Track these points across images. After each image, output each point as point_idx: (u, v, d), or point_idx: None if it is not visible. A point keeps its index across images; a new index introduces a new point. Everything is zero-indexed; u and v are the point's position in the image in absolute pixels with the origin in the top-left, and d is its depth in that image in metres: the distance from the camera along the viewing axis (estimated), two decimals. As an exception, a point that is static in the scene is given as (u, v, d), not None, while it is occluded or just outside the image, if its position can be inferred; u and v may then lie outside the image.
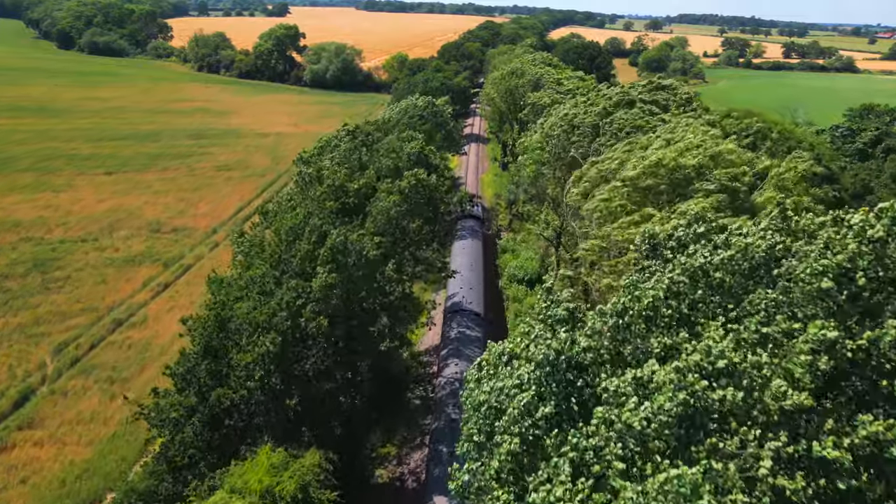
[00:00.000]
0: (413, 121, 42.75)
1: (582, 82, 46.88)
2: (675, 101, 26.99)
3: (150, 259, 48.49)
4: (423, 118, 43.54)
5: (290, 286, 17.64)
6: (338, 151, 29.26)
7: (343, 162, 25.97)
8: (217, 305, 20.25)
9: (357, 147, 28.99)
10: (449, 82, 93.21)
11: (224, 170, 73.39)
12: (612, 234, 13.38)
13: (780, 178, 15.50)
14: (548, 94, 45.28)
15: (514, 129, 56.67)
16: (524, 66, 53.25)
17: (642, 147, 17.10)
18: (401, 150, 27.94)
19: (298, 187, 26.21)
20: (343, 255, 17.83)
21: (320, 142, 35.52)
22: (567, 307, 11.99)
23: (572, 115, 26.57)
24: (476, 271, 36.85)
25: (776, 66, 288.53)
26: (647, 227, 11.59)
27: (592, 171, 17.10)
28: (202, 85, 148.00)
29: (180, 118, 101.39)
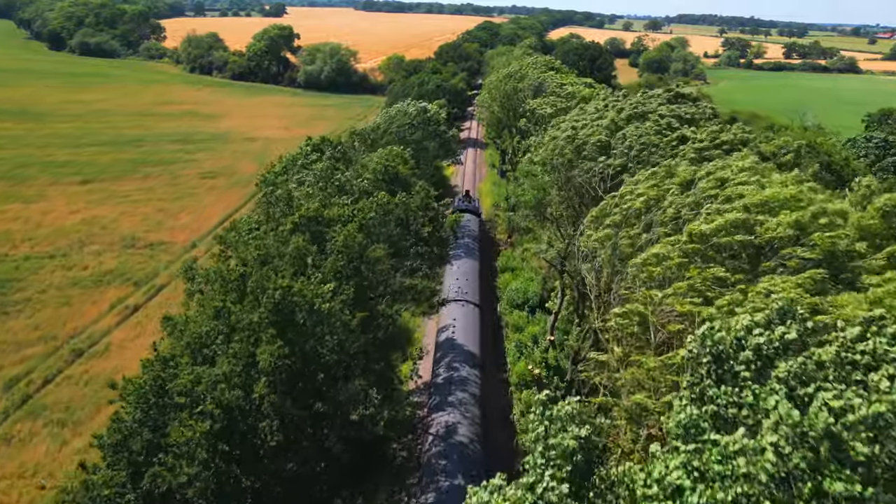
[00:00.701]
0: (402, 129, 39.30)
1: (589, 90, 43.34)
2: (701, 114, 23.48)
3: (121, 278, 44.91)
4: (414, 127, 40.04)
5: (233, 353, 14.18)
6: (312, 171, 25.88)
7: (320, 183, 22.53)
8: (156, 366, 16.73)
9: (334, 166, 25.54)
10: (445, 84, 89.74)
11: (208, 177, 69.80)
12: (661, 301, 9.90)
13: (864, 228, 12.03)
14: (549, 101, 41.80)
15: (513, 137, 53.18)
16: (524, 68, 49.72)
17: (680, 181, 13.57)
18: (364, 168, 24.26)
19: (264, 213, 22.88)
20: (290, 315, 14.43)
21: (282, 161, 31.81)
22: (576, 435, 8.39)
23: (576, 133, 23.01)
24: (472, 292, 33.37)
25: (777, 67, 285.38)
26: (707, 327, 8.11)
27: (615, 211, 13.71)
28: (193, 87, 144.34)
29: (167, 122, 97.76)
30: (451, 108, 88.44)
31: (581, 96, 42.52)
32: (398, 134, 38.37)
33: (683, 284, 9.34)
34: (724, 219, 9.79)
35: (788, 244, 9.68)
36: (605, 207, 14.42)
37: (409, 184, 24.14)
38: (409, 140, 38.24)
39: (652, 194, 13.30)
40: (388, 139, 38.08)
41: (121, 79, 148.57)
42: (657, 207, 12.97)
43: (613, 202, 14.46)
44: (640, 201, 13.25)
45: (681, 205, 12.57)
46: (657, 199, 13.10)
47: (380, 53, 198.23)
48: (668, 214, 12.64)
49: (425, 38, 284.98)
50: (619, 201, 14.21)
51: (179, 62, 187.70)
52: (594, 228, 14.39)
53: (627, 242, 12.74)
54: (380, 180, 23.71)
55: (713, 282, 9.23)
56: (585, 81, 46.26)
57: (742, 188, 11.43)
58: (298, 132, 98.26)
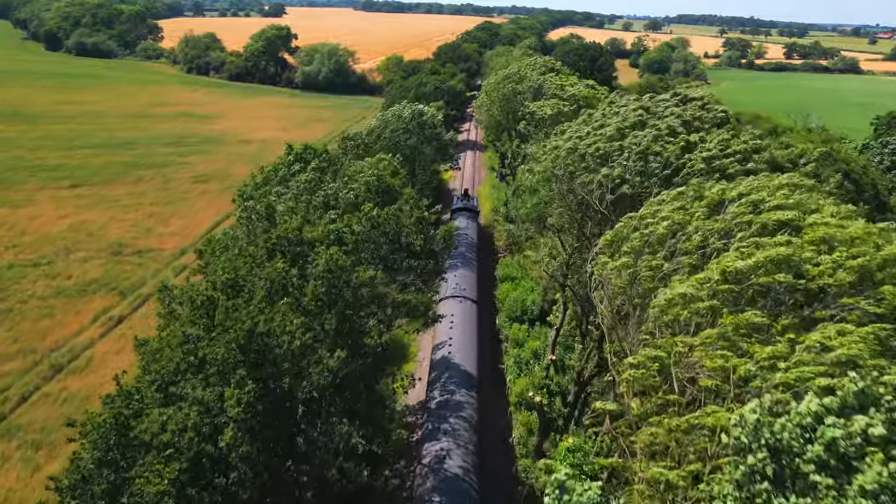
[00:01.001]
0: (396, 135, 37.76)
1: (590, 91, 41.81)
2: (709, 120, 21.91)
3: (106, 287, 43.39)
4: (409, 132, 38.47)
5: (198, 399, 12.63)
6: (295, 182, 24.37)
7: (304, 197, 20.99)
8: (118, 402, 15.20)
9: (319, 178, 23.98)
10: (443, 86, 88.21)
11: (201, 181, 68.25)
12: (688, 352, 8.23)
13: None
14: (550, 104, 40.27)
15: (512, 140, 51.64)
16: (522, 69, 48.15)
17: (709, 202, 11.85)
18: (354, 180, 22.54)
19: (244, 230, 21.34)
20: (262, 353, 12.88)
21: (263, 172, 30.08)
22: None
23: (579, 142, 21.40)
24: (469, 321, 31.78)
25: (779, 68, 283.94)
26: (760, 412, 6.45)
27: (635, 236, 12.03)
28: (189, 88, 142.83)
29: (161, 123, 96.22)
30: (449, 110, 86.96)
31: (584, 98, 41.04)
32: (392, 139, 36.80)
33: (713, 333, 7.80)
34: (764, 254, 8.24)
35: (847, 292, 8.07)
36: (623, 230, 12.81)
37: (400, 195, 22.53)
38: (404, 146, 36.70)
39: (678, 218, 11.62)
40: (382, 144, 36.55)
41: (116, 80, 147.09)
42: (682, 233, 11.35)
43: (632, 224, 12.84)
44: (664, 226, 11.59)
45: (708, 231, 10.92)
46: (682, 225, 11.50)
47: (379, 54, 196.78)
48: (693, 242, 10.99)
49: (425, 39, 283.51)
50: (639, 224, 12.58)
51: (176, 63, 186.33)
52: (609, 254, 12.76)
53: (648, 274, 11.13)
54: (371, 192, 22.11)
55: (750, 329, 7.69)
56: (587, 83, 44.68)
57: (781, 214, 9.77)
58: (295, 134, 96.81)
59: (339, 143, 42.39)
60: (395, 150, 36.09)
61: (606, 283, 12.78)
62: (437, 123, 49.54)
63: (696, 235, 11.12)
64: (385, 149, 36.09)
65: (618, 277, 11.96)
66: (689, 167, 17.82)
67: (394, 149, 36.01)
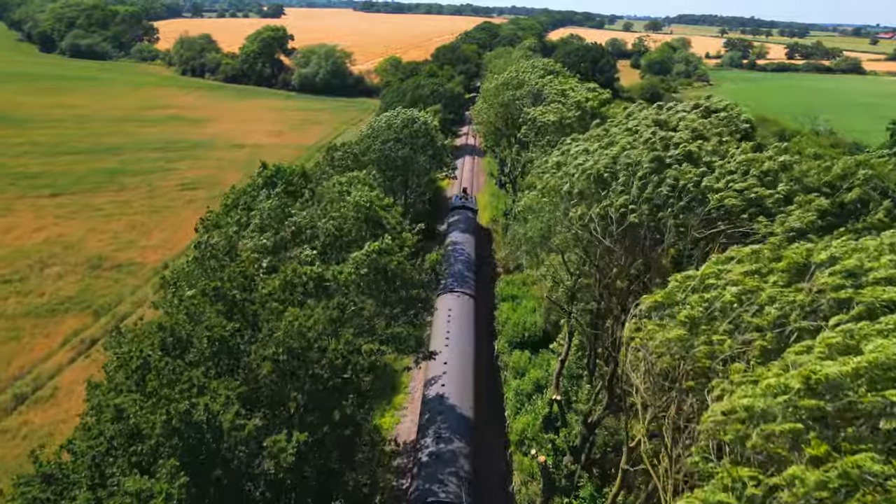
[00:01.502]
0: (387, 146, 35.08)
1: (593, 94, 39.19)
2: (731, 133, 19.27)
3: (80, 306, 40.78)
4: (401, 142, 35.77)
5: (128, 491, 10.06)
6: (259, 210, 21.70)
7: (269, 227, 18.33)
8: (35, 488, 12.57)
9: (285, 203, 21.25)
10: (441, 89, 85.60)
11: (189, 188, 65.65)
12: (763, 499, 5.77)
13: None
14: (552, 110, 37.67)
15: (512, 148, 49.05)
16: (521, 74, 45.54)
17: (789, 263, 8.95)
18: (338, 206, 19.67)
19: (199, 269, 18.69)
20: (198, 439, 10.36)
21: (233, 192, 27.31)
22: None
23: (583, 163, 18.72)
24: (466, 342, 29.22)
25: (781, 68, 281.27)
26: None
27: (693, 300, 9.42)
28: (183, 90, 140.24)
29: (150, 127, 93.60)
30: (447, 114, 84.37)
31: (588, 105, 38.45)
32: (382, 151, 34.18)
33: (810, 480, 5.13)
34: (869, 357, 5.68)
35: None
36: (675, 292, 10.12)
37: (384, 223, 19.83)
38: (395, 158, 34.08)
39: (751, 284, 8.94)
40: (372, 157, 33.90)
41: (109, 82, 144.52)
42: (751, 302, 8.67)
43: (688, 285, 10.12)
44: (732, 293, 8.89)
45: (788, 304, 8.26)
46: (753, 292, 8.86)
47: (377, 55, 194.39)
48: (769, 317, 8.29)
49: (424, 39, 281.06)
50: (699, 284, 9.82)
51: (171, 64, 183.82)
52: (655, 321, 10.07)
53: (705, 350, 8.49)
54: (360, 219, 19.26)
55: (860, 481, 5.18)
56: (588, 86, 42.05)
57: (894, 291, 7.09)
58: (289, 138, 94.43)
59: (324, 154, 39.78)
60: (386, 164, 33.54)
61: (647, 352, 10.14)
62: (433, 130, 46.97)
63: (773, 308, 8.40)
64: (375, 161, 33.52)
65: (666, 352, 9.29)
66: (718, 199, 15.15)
67: (384, 162, 33.43)
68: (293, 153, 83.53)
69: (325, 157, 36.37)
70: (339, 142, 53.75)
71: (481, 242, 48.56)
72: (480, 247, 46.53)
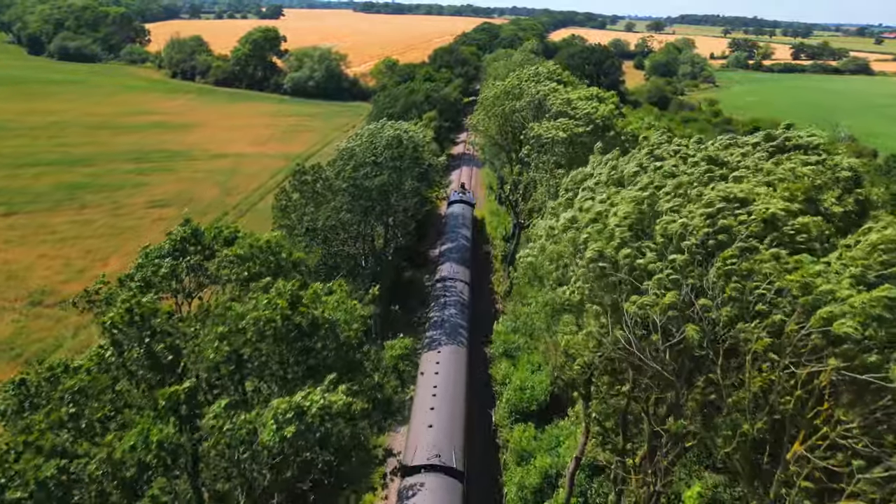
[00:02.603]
0: (360, 174, 29.14)
1: (608, 107, 33.44)
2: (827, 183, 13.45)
3: (10, 353, 35.16)
4: (380, 165, 29.77)
5: None
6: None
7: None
8: None
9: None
10: (436, 95, 79.86)
11: (158, 206, 59.95)
12: None
13: None
14: (560, 125, 31.95)
15: (512, 165, 43.34)
16: (522, 83, 39.78)
17: None
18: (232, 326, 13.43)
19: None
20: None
21: (147, 254, 21.23)
22: None
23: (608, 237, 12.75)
24: (455, 415, 23.70)
25: (787, 69, 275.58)
26: None
27: None
28: (169, 94, 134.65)
29: (127, 136, 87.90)
30: (443, 121, 78.69)
31: (601, 117, 32.67)
32: (354, 179, 28.31)
33: None
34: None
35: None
36: None
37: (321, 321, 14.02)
38: (369, 188, 28.24)
39: None
40: (341, 185, 28.04)
41: (94, 86, 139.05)
42: None
43: None
44: None
45: None
46: None
47: (375, 56, 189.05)
48: None
49: (423, 40, 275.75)
50: None
51: (162, 67, 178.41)
52: None
53: None
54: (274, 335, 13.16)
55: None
56: (597, 93, 36.24)
57: None
58: (275, 146, 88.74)
59: (290, 178, 33.93)
60: (359, 194, 27.74)
61: None
62: (422, 147, 41.21)
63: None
64: (348, 190, 27.71)
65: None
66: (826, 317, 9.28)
67: (356, 191, 27.66)
68: (277, 164, 77.90)
69: (291, 182, 30.60)
70: (332, 148, 48.09)
71: (477, 236, 50.10)
72: (475, 241, 48.68)
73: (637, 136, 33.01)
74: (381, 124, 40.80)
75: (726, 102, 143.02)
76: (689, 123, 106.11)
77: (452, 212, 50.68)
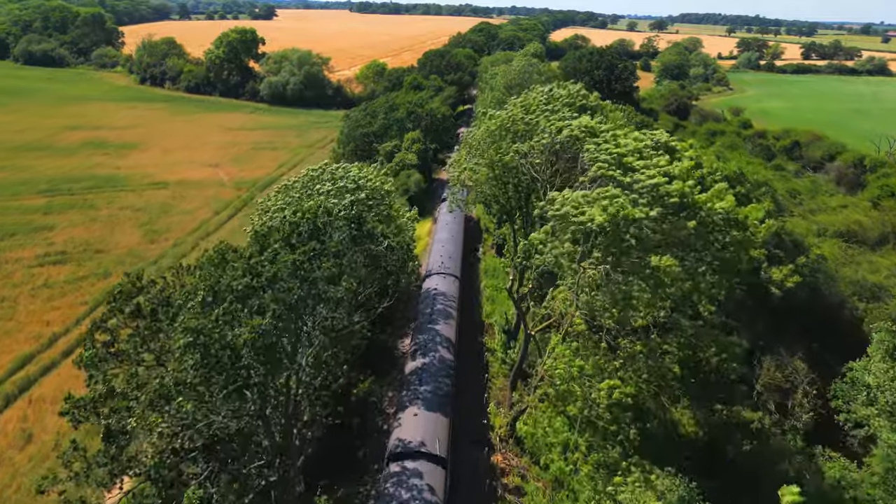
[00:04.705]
0: (284, 271, 15.43)
1: (680, 166, 19.53)
2: None
3: None
4: (309, 257, 15.84)
5: None
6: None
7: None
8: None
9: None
10: (420, 110, 65.73)
11: (52, 262, 45.89)
12: None
13: None
14: (601, 200, 18.06)
15: (515, 230, 29.35)
16: (531, 114, 25.52)
17: None
18: None
19: None
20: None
21: None
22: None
23: None
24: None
25: (801, 69, 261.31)
26: None
27: None
28: (128, 103, 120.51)
29: (54, 159, 73.73)
30: (428, 143, 64.58)
31: (678, 192, 18.76)
32: (198, 332, 14.86)
33: None
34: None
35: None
36: None
37: None
38: (233, 347, 14.69)
39: None
40: (182, 336, 14.45)
41: (47, 94, 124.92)
42: None
43: None
44: None
45: None
46: None
47: (367, 58, 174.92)
48: None
49: (418, 42, 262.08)
50: None
51: (133, 72, 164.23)
52: None
53: None
54: None
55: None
56: (666, 142, 22.08)
57: None
58: (229, 171, 74.48)
59: (171, 272, 19.95)
60: (215, 358, 14.00)
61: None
62: (387, 204, 27.03)
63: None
64: (189, 352, 14.20)
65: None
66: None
67: (212, 355, 14.01)
68: (226, 194, 63.88)
69: (112, 307, 16.55)
70: (301, 170, 33.77)
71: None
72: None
73: (741, 223, 19.09)
74: (316, 173, 26.75)
75: (752, 109, 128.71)
76: (715, 137, 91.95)
77: (429, 290, 34.69)
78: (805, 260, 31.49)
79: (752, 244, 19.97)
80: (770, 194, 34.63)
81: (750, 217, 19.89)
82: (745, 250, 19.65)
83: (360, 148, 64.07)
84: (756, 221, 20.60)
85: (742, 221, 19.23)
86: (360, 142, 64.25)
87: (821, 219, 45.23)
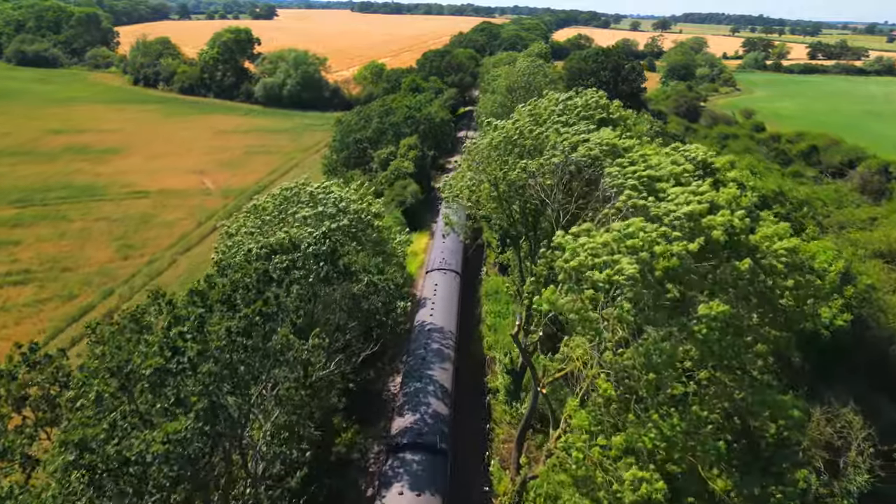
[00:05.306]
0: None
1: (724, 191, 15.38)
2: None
3: None
4: (258, 317, 12.42)
5: None
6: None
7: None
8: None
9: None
10: (418, 115, 61.74)
11: (13, 282, 42.05)
12: None
13: None
14: (628, 243, 13.93)
15: (522, 258, 25.37)
16: (541, 125, 21.52)
17: None
18: None
19: None
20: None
21: None
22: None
23: None
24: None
25: (808, 69, 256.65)
26: None
27: None
28: (117, 105, 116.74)
29: (32, 165, 69.97)
30: (426, 149, 60.61)
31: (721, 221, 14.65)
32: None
33: None
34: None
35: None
36: None
37: None
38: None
39: None
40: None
41: (36, 96, 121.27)
42: None
43: None
44: None
45: None
46: None
47: (366, 59, 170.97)
48: None
49: (419, 41, 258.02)
50: None
51: (127, 72, 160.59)
52: None
53: None
54: None
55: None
56: (704, 159, 18.09)
57: None
58: (216, 178, 70.60)
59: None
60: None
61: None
62: (374, 228, 23.10)
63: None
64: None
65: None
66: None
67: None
68: (211, 204, 60.01)
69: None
70: (293, 176, 29.86)
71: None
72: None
73: (809, 267, 15.07)
74: (290, 193, 22.76)
75: (763, 111, 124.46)
76: (727, 140, 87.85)
77: (422, 325, 30.36)
78: (853, 291, 27.25)
79: (822, 292, 15.92)
80: (812, 214, 30.69)
81: (818, 258, 15.80)
82: (815, 299, 15.60)
83: (354, 155, 60.13)
84: (825, 264, 16.53)
85: (810, 266, 15.19)
86: (353, 148, 60.29)
87: (856, 236, 40.90)
